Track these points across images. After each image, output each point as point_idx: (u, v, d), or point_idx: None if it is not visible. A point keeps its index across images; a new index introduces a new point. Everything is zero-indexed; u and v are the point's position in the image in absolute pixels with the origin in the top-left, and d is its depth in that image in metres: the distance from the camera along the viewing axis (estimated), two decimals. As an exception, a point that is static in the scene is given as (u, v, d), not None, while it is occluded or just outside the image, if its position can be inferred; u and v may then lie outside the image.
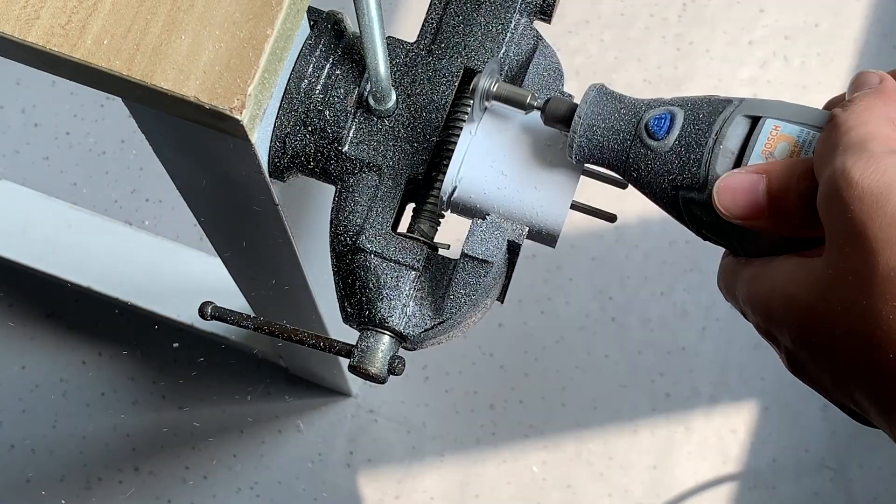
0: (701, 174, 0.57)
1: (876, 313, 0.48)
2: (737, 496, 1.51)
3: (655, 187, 0.59)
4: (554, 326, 1.55)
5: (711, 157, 0.57)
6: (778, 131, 0.56)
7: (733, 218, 0.54)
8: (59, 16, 0.59)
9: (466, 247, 0.64)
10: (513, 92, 0.63)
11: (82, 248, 1.44)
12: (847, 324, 0.49)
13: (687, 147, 0.58)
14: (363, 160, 0.67)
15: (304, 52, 0.67)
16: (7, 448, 1.50)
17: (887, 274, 0.47)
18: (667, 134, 0.58)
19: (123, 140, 1.59)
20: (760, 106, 0.57)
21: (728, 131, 0.57)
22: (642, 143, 0.59)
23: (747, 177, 0.54)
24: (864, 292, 0.48)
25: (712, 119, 0.57)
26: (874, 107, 0.53)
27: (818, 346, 0.51)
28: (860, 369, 0.49)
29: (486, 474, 1.51)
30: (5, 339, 1.54)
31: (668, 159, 0.58)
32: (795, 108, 0.57)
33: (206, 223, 0.91)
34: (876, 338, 0.48)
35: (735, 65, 1.64)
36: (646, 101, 0.61)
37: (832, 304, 0.50)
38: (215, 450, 1.51)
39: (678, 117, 0.58)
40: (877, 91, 0.54)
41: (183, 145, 0.72)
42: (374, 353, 0.65)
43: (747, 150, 0.56)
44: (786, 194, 0.53)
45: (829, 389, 0.52)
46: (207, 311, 0.68)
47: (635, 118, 0.60)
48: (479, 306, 0.66)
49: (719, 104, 0.58)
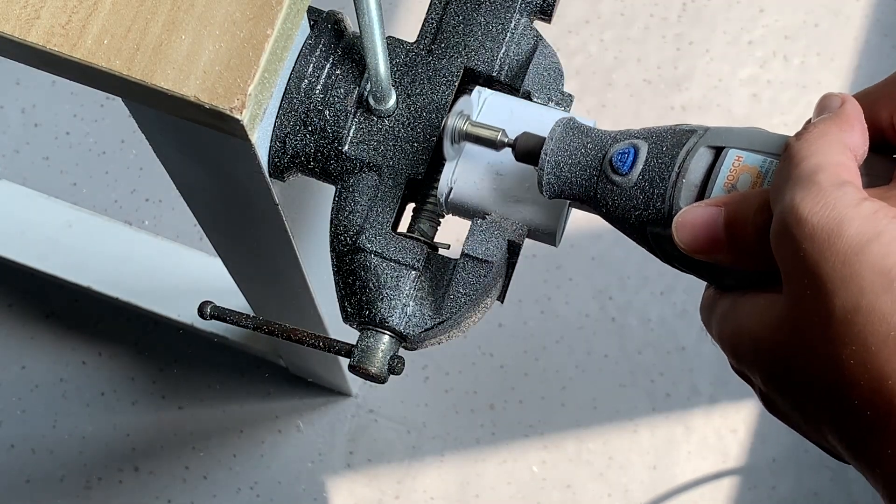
0: (665, 209, 0.55)
1: (837, 358, 0.46)
2: (737, 496, 1.51)
3: (624, 223, 0.57)
4: (554, 326, 1.55)
5: (675, 192, 0.55)
6: (740, 162, 0.54)
7: (693, 253, 0.53)
8: (59, 16, 0.59)
9: (466, 247, 0.64)
10: (483, 131, 0.62)
11: (82, 248, 1.44)
12: (811, 368, 0.47)
13: (651, 182, 0.56)
14: (363, 160, 0.67)
15: (304, 52, 0.67)
16: (7, 448, 1.50)
17: (843, 316, 0.45)
18: (630, 169, 0.57)
19: (123, 140, 1.59)
20: (724, 135, 0.55)
21: (691, 164, 0.55)
22: (608, 178, 0.57)
23: (705, 210, 0.52)
24: (823, 336, 0.46)
25: (675, 151, 0.56)
26: (828, 133, 0.50)
27: (787, 390, 0.49)
28: (828, 414, 0.47)
29: (486, 474, 1.51)
30: (5, 339, 1.54)
31: (633, 195, 0.57)
32: (760, 136, 0.55)
33: (206, 223, 0.91)
34: (840, 382, 0.46)
35: (735, 65, 1.64)
36: (612, 135, 0.59)
37: (795, 347, 0.48)
38: (215, 450, 1.51)
39: (642, 151, 0.57)
40: (834, 116, 0.51)
41: (183, 145, 0.72)
42: (374, 352, 0.65)
43: (710, 183, 0.54)
44: (744, 228, 0.51)
45: (803, 430, 0.51)
46: (206, 311, 0.68)
47: (600, 153, 0.58)
48: (479, 306, 0.66)
49: (683, 135, 0.56)
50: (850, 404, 0.46)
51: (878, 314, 0.45)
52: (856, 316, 0.45)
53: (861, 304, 0.45)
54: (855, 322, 0.45)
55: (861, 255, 0.45)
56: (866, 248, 0.45)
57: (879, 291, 0.45)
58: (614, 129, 0.60)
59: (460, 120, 0.63)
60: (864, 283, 0.45)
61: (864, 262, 0.45)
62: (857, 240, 0.46)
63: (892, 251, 0.45)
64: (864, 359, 0.45)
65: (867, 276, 0.45)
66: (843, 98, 0.52)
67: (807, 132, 0.51)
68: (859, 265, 0.45)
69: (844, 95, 0.52)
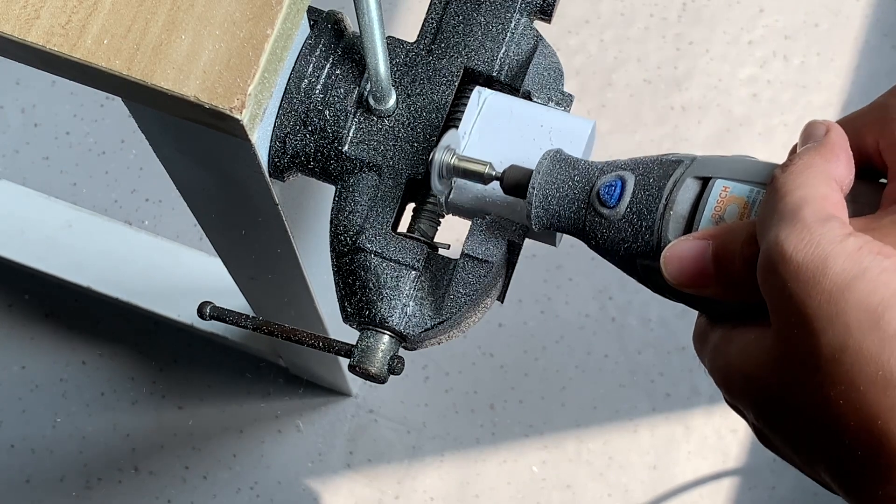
0: (654, 241, 0.55)
1: (826, 398, 0.45)
2: (737, 496, 1.51)
3: (614, 255, 0.57)
4: (554, 326, 1.55)
5: (663, 224, 0.55)
6: (727, 192, 0.54)
7: (682, 287, 0.52)
8: (59, 15, 0.59)
9: (466, 247, 0.64)
10: (470, 165, 0.62)
11: (82, 248, 1.44)
12: (801, 408, 0.47)
13: (639, 214, 0.56)
14: (363, 160, 0.67)
15: (304, 52, 0.67)
16: (7, 448, 1.50)
17: (831, 356, 0.45)
18: (618, 201, 0.56)
19: (123, 140, 1.59)
20: (711, 165, 0.55)
21: (678, 195, 0.55)
22: (595, 211, 0.57)
23: (693, 244, 0.52)
24: (811, 376, 0.46)
25: (662, 183, 0.55)
26: (813, 165, 0.49)
27: (778, 427, 0.49)
28: (820, 452, 0.47)
29: (486, 474, 1.51)
30: (5, 339, 1.54)
31: (621, 227, 0.56)
32: (747, 166, 0.54)
33: (206, 223, 0.91)
34: (829, 422, 0.46)
35: (735, 65, 1.64)
36: (599, 166, 0.59)
37: (784, 385, 0.47)
38: (215, 450, 1.51)
39: (629, 183, 0.56)
40: (819, 146, 0.50)
41: (183, 145, 0.72)
42: (373, 352, 0.65)
43: (697, 214, 0.54)
44: (731, 261, 0.51)
45: (797, 465, 0.50)
46: (206, 311, 0.68)
47: (588, 185, 0.58)
48: (479, 306, 0.66)
49: (670, 166, 0.56)
50: (841, 443, 0.46)
51: (865, 353, 0.44)
52: (843, 355, 0.45)
53: (848, 343, 0.44)
54: (843, 362, 0.45)
55: (846, 293, 0.45)
56: (851, 285, 0.45)
57: (866, 330, 0.44)
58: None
59: (447, 154, 0.62)
60: (850, 322, 0.44)
61: (850, 300, 0.45)
62: (843, 277, 0.45)
63: (877, 288, 0.45)
64: (852, 399, 0.45)
65: (853, 315, 0.44)
66: (828, 126, 0.51)
67: (792, 164, 0.50)
68: (845, 303, 0.45)
69: (829, 123, 0.52)
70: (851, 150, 0.51)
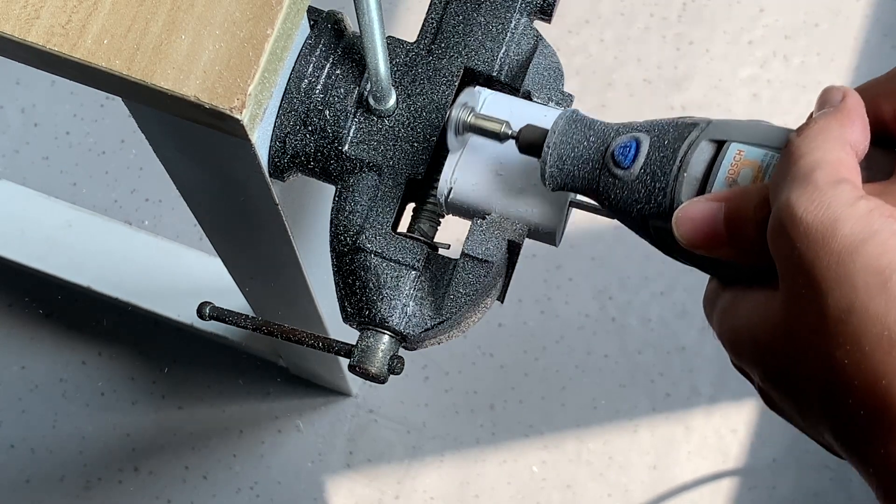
0: (666, 203, 0.55)
1: (831, 358, 0.46)
2: (737, 496, 1.51)
3: (626, 216, 0.57)
4: (554, 326, 1.55)
5: (676, 185, 0.55)
6: (742, 156, 0.54)
7: (694, 248, 0.52)
8: (59, 15, 0.59)
9: (466, 247, 0.64)
10: (487, 123, 0.62)
11: (82, 248, 1.44)
12: (806, 368, 0.47)
13: (652, 175, 0.56)
14: (363, 160, 0.67)
15: (304, 52, 0.67)
16: (7, 448, 1.50)
17: (838, 316, 0.45)
18: (632, 162, 0.56)
19: (123, 140, 1.59)
20: (726, 129, 0.55)
21: (692, 158, 0.55)
22: (610, 172, 0.57)
23: (706, 205, 0.52)
24: (817, 336, 0.46)
25: (677, 145, 0.56)
26: (828, 129, 0.50)
27: (784, 388, 0.49)
28: (823, 412, 0.47)
29: (486, 474, 1.51)
30: (5, 339, 1.54)
31: (634, 188, 0.56)
32: (762, 130, 0.55)
33: (206, 223, 0.91)
34: (834, 383, 0.46)
35: (735, 64, 1.64)
36: (615, 127, 0.59)
37: (791, 346, 0.48)
38: (215, 450, 1.51)
39: (643, 144, 0.56)
40: (834, 111, 0.51)
41: (183, 145, 0.72)
42: (373, 352, 0.65)
43: (711, 177, 0.54)
44: (743, 224, 0.51)
45: (800, 426, 0.51)
46: (205, 312, 0.68)
47: (603, 146, 0.58)
48: (479, 306, 0.66)
49: (685, 128, 0.56)
50: (845, 403, 0.46)
51: (871, 314, 0.45)
52: (849, 316, 0.45)
53: (855, 304, 0.45)
54: (849, 322, 0.45)
55: (855, 255, 0.45)
56: (860, 247, 0.45)
57: (873, 292, 0.45)
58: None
59: (464, 111, 0.63)
60: (857, 284, 0.45)
61: (858, 261, 0.45)
62: (852, 239, 0.45)
63: (886, 251, 0.45)
64: (857, 359, 0.45)
65: (861, 277, 0.45)
66: (845, 92, 0.52)
67: (807, 128, 0.51)
68: (853, 265, 0.45)
69: (846, 89, 0.52)
70: (868, 116, 0.51)
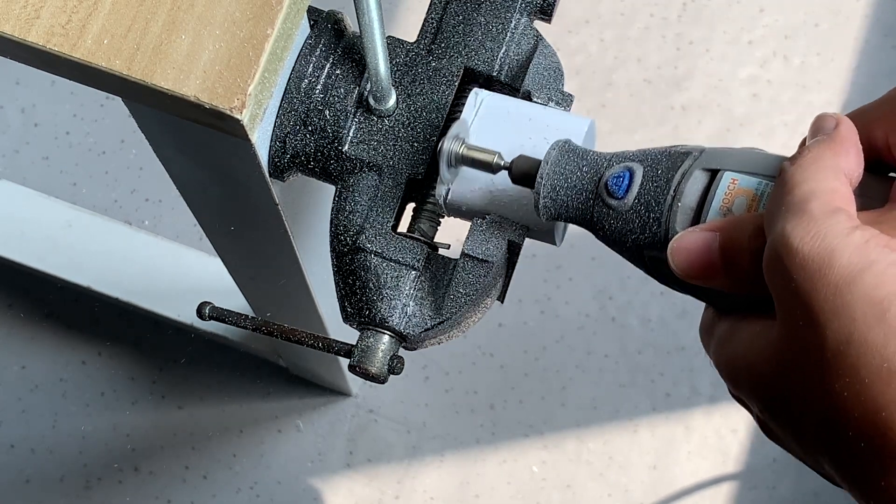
0: (661, 233, 0.55)
1: (830, 390, 0.45)
2: (737, 496, 1.51)
3: (621, 246, 0.57)
4: (554, 326, 1.55)
5: (671, 215, 0.55)
6: (736, 185, 0.54)
7: (689, 279, 0.52)
8: (59, 15, 0.59)
9: (466, 247, 0.64)
10: (479, 154, 0.62)
11: (82, 248, 1.44)
12: (805, 400, 0.47)
13: (647, 206, 0.56)
14: (363, 160, 0.67)
15: (304, 52, 0.67)
16: (7, 448, 1.50)
17: (836, 348, 0.45)
18: (626, 192, 0.56)
19: (123, 140, 1.59)
20: (719, 157, 0.55)
21: (686, 187, 0.55)
22: (603, 202, 0.57)
23: (701, 235, 0.52)
24: (817, 369, 0.46)
25: (671, 175, 0.55)
26: (822, 158, 0.49)
27: (783, 419, 0.49)
28: (823, 444, 0.47)
29: (486, 474, 1.51)
30: (5, 339, 1.54)
31: (629, 218, 0.56)
32: (755, 159, 0.54)
33: (206, 223, 0.91)
34: (833, 414, 0.46)
35: (735, 65, 1.64)
36: (607, 157, 0.59)
37: (789, 378, 0.47)
38: (215, 450, 1.51)
39: (637, 174, 0.56)
40: (829, 140, 0.50)
41: (183, 145, 0.72)
42: (373, 352, 0.65)
43: (705, 206, 0.54)
44: (738, 254, 0.51)
45: (800, 457, 0.51)
46: (205, 312, 0.68)
47: (596, 176, 0.58)
48: (479, 306, 0.66)
49: (678, 157, 0.56)
50: (845, 436, 0.46)
51: (870, 346, 0.44)
52: (848, 348, 0.45)
53: (853, 336, 0.45)
54: (847, 354, 0.45)
55: (853, 286, 0.45)
56: (858, 278, 0.45)
57: (871, 323, 0.44)
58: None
59: (456, 143, 0.62)
60: (855, 315, 0.45)
61: (856, 293, 0.45)
62: (849, 270, 0.45)
63: (883, 281, 0.45)
64: (857, 391, 0.45)
65: (859, 308, 0.45)
66: (838, 119, 0.51)
67: (801, 157, 0.50)
68: (851, 296, 0.45)
69: (839, 116, 0.52)
70: (861, 142, 0.51)
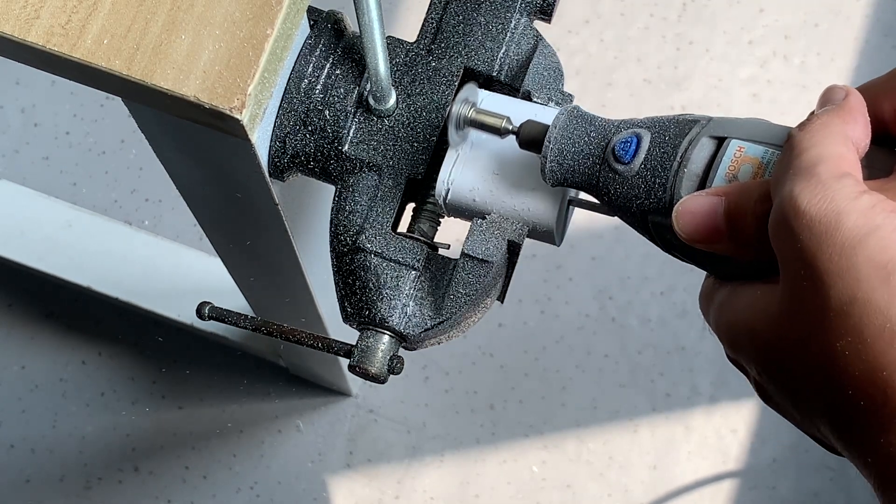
0: (666, 198, 0.56)
1: (831, 349, 0.46)
2: (737, 496, 1.51)
3: (625, 211, 0.58)
4: (554, 326, 1.55)
5: (676, 181, 0.55)
6: (742, 152, 0.54)
7: (693, 242, 0.53)
8: (58, 15, 0.59)
9: (466, 247, 0.64)
10: (488, 118, 0.63)
11: (82, 248, 1.44)
12: (805, 360, 0.48)
13: (653, 171, 0.56)
14: (363, 160, 0.67)
15: (304, 52, 0.67)
16: (7, 448, 1.50)
17: (840, 308, 0.46)
18: (633, 158, 0.57)
19: (123, 140, 1.59)
20: (727, 126, 0.55)
21: (693, 154, 0.55)
22: (610, 167, 0.58)
23: (706, 199, 0.52)
24: (818, 327, 0.47)
25: (678, 141, 0.56)
26: (830, 125, 0.50)
27: (781, 381, 0.50)
28: (822, 405, 0.48)
29: (486, 474, 1.51)
30: (5, 339, 1.54)
31: (635, 183, 0.57)
32: (762, 127, 0.55)
33: (206, 223, 0.91)
34: (834, 373, 0.46)
35: (735, 64, 1.64)
36: (616, 123, 0.59)
37: (790, 339, 0.48)
38: (215, 450, 1.51)
39: (644, 140, 0.57)
40: (837, 108, 0.51)
41: (183, 145, 0.72)
42: (373, 352, 0.65)
43: (711, 173, 0.55)
44: (744, 218, 0.51)
45: (797, 421, 0.51)
46: (205, 312, 0.67)
47: (604, 141, 0.58)
48: (479, 306, 0.66)
49: (686, 125, 0.56)
50: (845, 395, 0.47)
51: (873, 306, 0.45)
52: (852, 308, 0.46)
53: (857, 296, 0.46)
54: (851, 314, 0.46)
55: (858, 248, 0.46)
56: (864, 241, 0.46)
57: (876, 284, 0.45)
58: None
59: (465, 107, 0.63)
60: (860, 276, 0.45)
61: (862, 255, 0.46)
62: (855, 233, 0.46)
63: (889, 245, 0.46)
64: (858, 350, 0.46)
65: (864, 269, 0.45)
66: (847, 90, 0.52)
67: (810, 123, 0.51)
68: (856, 258, 0.46)
69: (848, 88, 0.53)
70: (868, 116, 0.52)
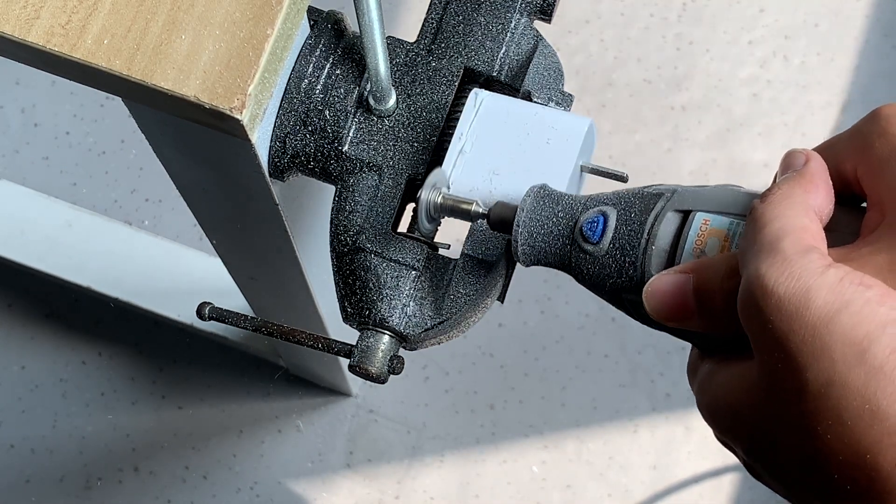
0: (637, 276, 0.55)
1: (814, 434, 0.45)
2: (737, 495, 1.51)
3: (600, 290, 0.57)
4: (554, 326, 1.55)
5: (645, 259, 0.55)
6: (707, 225, 0.54)
7: (665, 321, 0.52)
8: (59, 15, 0.59)
9: (466, 247, 0.64)
10: (457, 203, 0.62)
11: (82, 248, 1.44)
12: (789, 443, 0.46)
13: (622, 249, 0.56)
14: (363, 160, 0.67)
15: (304, 52, 0.67)
16: (7, 448, 1.50)
17: (817, 390, 0.44)
18: (601, 237, 0.56)
19: (123, 140, 1.59)
20: (691, 198, 0.55)
21: (660, 230, 0.55)
22: (580, 247, 0.57)
23: (674, 278, 0.51)
24: (798, 411, 0.45)
25: (644, 217, 0.56)
26: (791, 196, 0.49)
27: (767, 462, 0.48)
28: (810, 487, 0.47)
29: (486, 474, 1.51)
30: (5, 339, 1.54)
31: (605, 263, 0.56)
32: (727, 197, 0.54)
33: (206, 223, 0.91)
34: (818, 458, 0.45)
35: (735, 65, 1.64)
36: (582, 201, 0.59)
37: (772, 422, 0.47)
38: (215, 450, 1.51)
39: (611, 218, 0.57)
40: (798, 176, 0.50)
41: (183, 145, 0.72)
42: (374, 352, 0.65)
43: (678, 248, 0.54)
44: (712, 296, 0.50)
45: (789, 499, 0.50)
46: (205, 312, 0.67)
47: (571, 221, 0.58)
48: (479, 306, 0.66)
49: (651, 199, 0.56)
50: (831, 478, 0.45)
51: (851, 388, 0.44)
52: (829, 390, 0.44)
53: (833, 377, 0.44)
54: (829, 396, 0.44)
55: (830, 327, 0.44)
56: (835, 318, 0.44)
57: (852, 363, 0.44)
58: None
59: (434, 193, 0.62)
60: (835, 356, 0.44)
61: (835, 333, 0.44)
62: (826, 310, 0.44)
63: (861, 321, 0.44)
64: (840, 434, 0.44)
65: (838, 349, 0.44)
66: (808, 155, 0.51)
67: (771, 194, 0.50)
68: (829, 337, 0.44)
69: (808, 152, 0.51)
70: (831, 176, 0.51)
